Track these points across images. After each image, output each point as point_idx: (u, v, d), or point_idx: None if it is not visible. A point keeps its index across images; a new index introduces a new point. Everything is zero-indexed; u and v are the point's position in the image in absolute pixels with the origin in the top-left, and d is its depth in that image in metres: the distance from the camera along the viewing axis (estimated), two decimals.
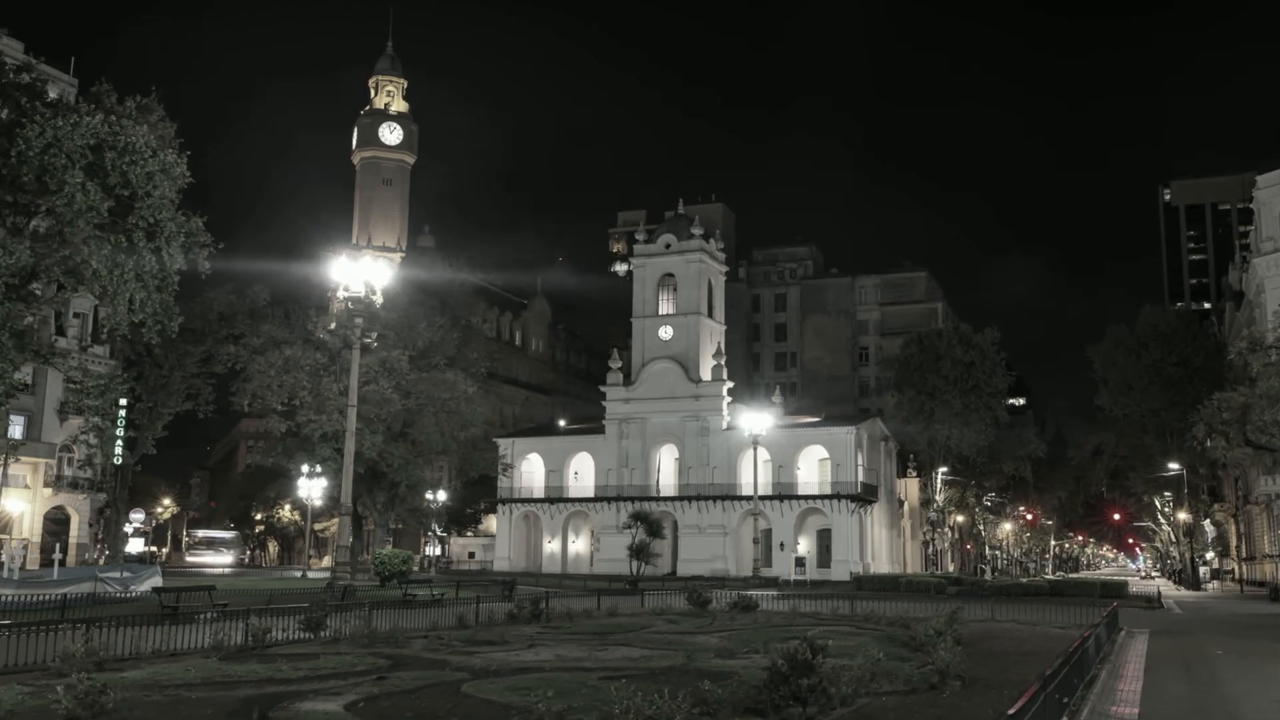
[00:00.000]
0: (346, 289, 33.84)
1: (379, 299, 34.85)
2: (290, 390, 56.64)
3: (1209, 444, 53.21)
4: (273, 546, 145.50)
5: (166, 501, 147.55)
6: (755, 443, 68.74)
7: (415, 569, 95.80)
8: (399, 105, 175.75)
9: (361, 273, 33.77)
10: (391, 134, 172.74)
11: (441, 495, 72.43)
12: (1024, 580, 72.88)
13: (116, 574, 37.65)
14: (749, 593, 36.50)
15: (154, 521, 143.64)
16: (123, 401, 45.24)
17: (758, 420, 68.70)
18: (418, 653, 20.69)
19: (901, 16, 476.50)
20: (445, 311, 68.36)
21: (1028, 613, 32.67)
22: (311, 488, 68.38)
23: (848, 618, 29.01)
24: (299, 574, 69.80)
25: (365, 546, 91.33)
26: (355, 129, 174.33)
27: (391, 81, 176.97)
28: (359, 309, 34.04)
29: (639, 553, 67.45)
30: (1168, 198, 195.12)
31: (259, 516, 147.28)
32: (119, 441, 47.83)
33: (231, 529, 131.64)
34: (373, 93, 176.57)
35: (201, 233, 42.14)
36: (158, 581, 35.85)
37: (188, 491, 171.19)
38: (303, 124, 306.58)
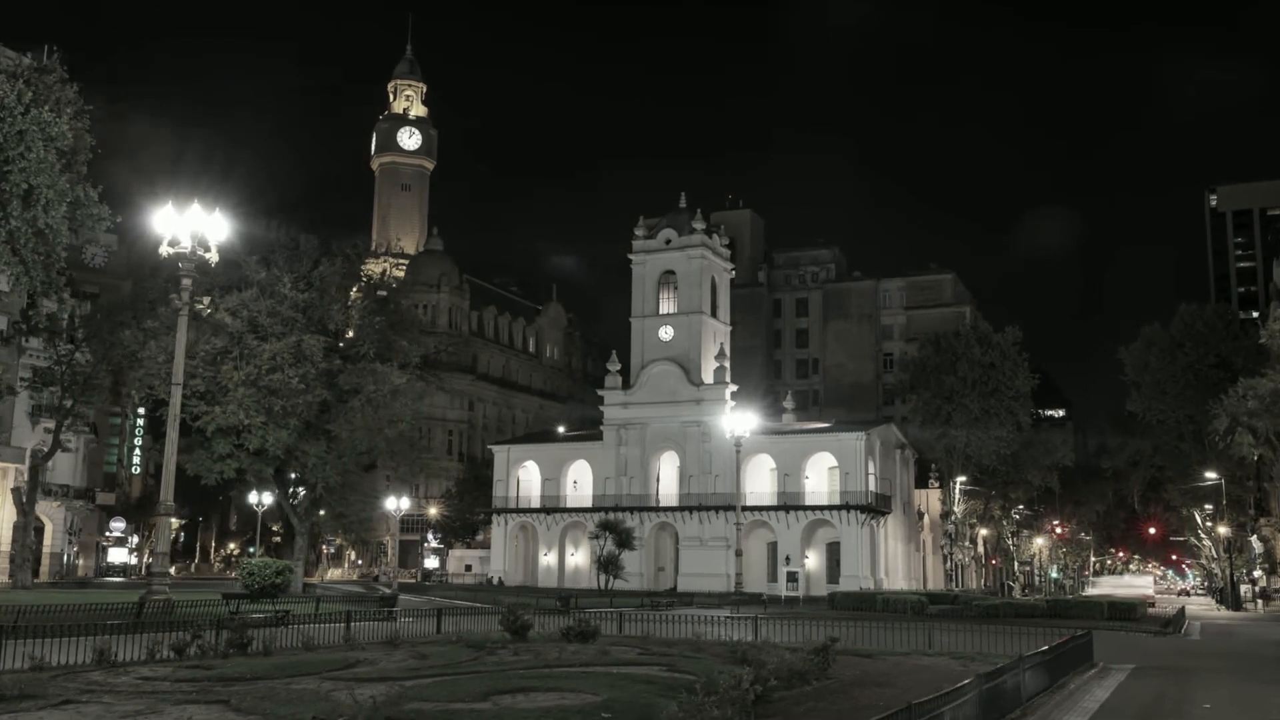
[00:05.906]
0: (173, 244, 29.16)
1: (214, 256, 29.97)
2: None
3: (1233, 440, 46.92)
4: None
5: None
6: (738, 445, 63.40)
7: (411, 580, 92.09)
8: (418, 110, 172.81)
9: (190, 225, 29.12)
10: (410, 139, 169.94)
11: (405, 503, 67.34)
12: (1031, 599, 66.90)
13: None
14: (591, 614, 28.29)
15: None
16: None
17: (743, 420, 63.55)
18: None
19: (904, 24, 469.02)
20: (371, 292, 62.63)
21: (983, 641, 26.25)
22: (263, 496, 63.68)
23: (703, 649, 22.73)
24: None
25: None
26: (374, 134, 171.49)
27: (410, 86, 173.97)
28: (188, 269, 29.52)
29: (606, 565, 62.22)
30: (1214, 203, 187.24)
31: (275, 528, 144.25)
32: None
33: None
34: (391, 97, 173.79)
35: (93, 203, 38.03)
36: None
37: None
38: (320, 127, 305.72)
